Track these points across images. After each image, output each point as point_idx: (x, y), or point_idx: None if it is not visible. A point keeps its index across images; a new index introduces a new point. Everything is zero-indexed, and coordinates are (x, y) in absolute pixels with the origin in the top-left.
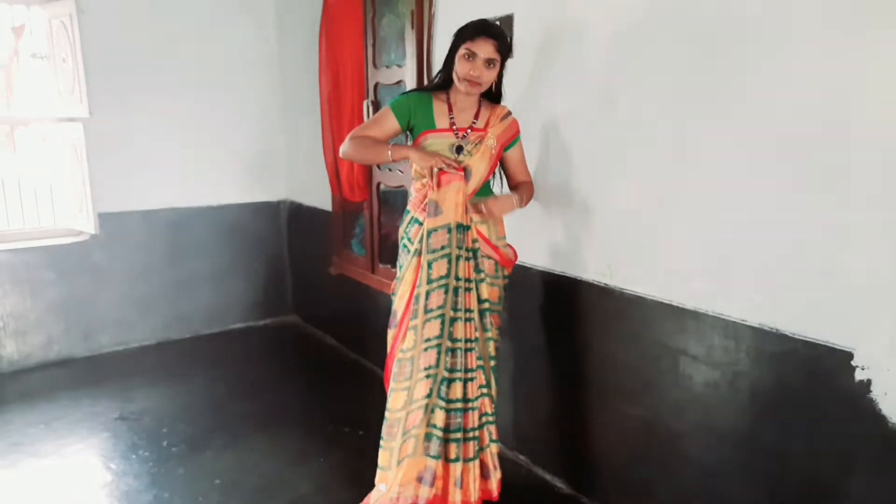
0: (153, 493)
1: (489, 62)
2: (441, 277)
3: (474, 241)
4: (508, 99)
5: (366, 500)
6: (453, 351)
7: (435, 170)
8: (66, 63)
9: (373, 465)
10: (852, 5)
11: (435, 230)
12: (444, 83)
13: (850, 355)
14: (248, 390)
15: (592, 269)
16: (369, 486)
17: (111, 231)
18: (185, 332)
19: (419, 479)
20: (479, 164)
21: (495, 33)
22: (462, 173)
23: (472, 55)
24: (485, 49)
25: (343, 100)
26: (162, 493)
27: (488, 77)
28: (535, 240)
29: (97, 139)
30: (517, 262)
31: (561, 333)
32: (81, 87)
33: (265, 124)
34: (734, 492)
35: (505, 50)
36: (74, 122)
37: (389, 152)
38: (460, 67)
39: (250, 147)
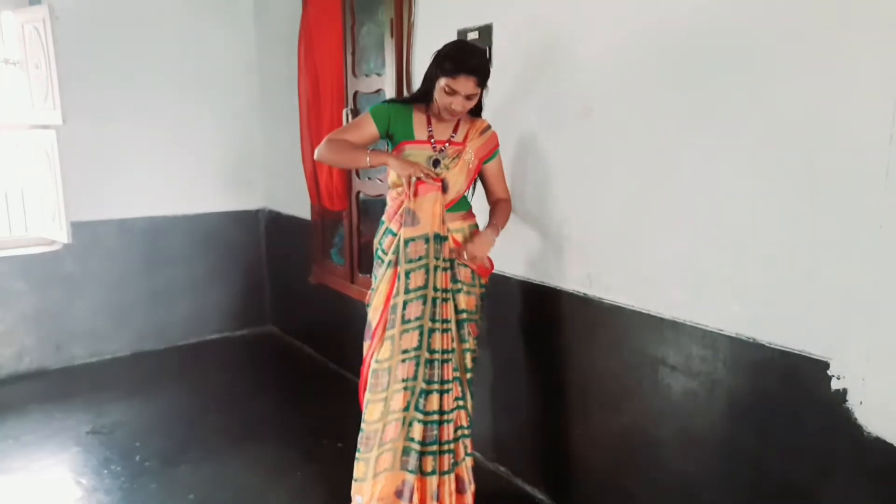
0: None
1: (469, 96)
2: (419, 288)
3: (451, 251)
4: (487, 109)
5: None
6: (431, 362)
7: (413, 179)
8: (39, 69)
9: (351, 478)
10: (820, 23)
11: (413, 239)
12: (424, 96)
13: (826, 365)
14: (224, 402)
15: (572, 278)
16: (347, 499)
17: (85, 240)
18: (161, 343)
19: (398, 494)
20: (456, 178)
21: (475, 68)
22: (440, 184)
23: (452, 92)
24: (465, 87)
25: (322, 108)
26: None
27: (469, 106)
28: (514, 249)
29: (71, 146)
30: (495, 272)
31: (540, 343)
32: (55, 94)
33: (243, 132)
34: (713, 499)
35: (486, 79)
36: (47, 129)
37: (368, 158)
38: (440, 98)
39: (228, 155)
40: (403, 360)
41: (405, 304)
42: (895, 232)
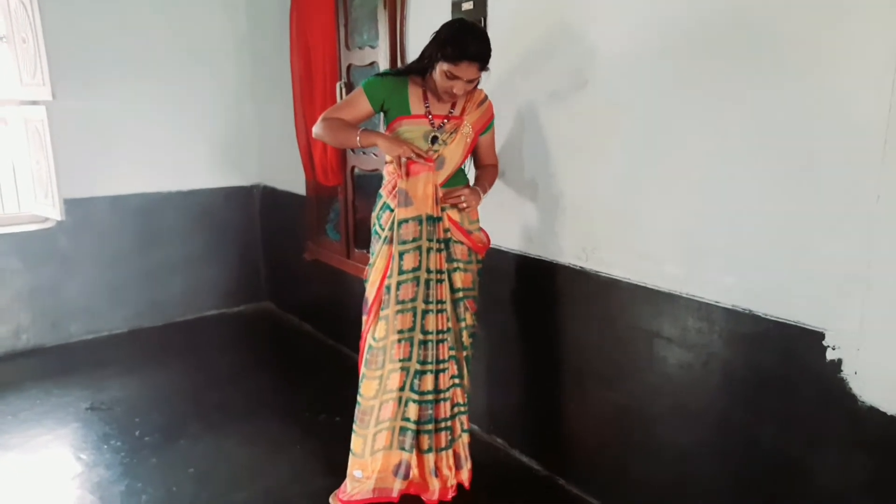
0: (125, 483)
1: (471, 80)
2: (413, 269)
3: (446, 230)
4: (483, 81)
5: (341, 487)
6: (425, 343)
7: (403, 159)
8: (27, 44)
9: (348, 451)
10: (815, 25)
11: (406, 221)
12: (420, 69)
13: (821, 336)
14: (222, 378)
15: (568, 252)
16: (345, 472)
17: (78, 217)
18: (158, 319)
19: (394, 471)
20: (454, 152)
21: (478, 54)
22: (431, 164)
23: (454, 77)
24: (468, 73)
25: (315, 82)
26: (135, 483)
27: (469, 89)
28: (510, 223)
29: (62, 123)
30: (492, 246)
31: (536, 317)
32: (44, 70)
33: (236, 107)
34: (707, 471)
35: (487, 63)
36: (37, 104)
37: (358, 138)
38: (441, 82)
39: (221, 130)
40: (399, 341)
41: (399, 284)
42: (892, 203)
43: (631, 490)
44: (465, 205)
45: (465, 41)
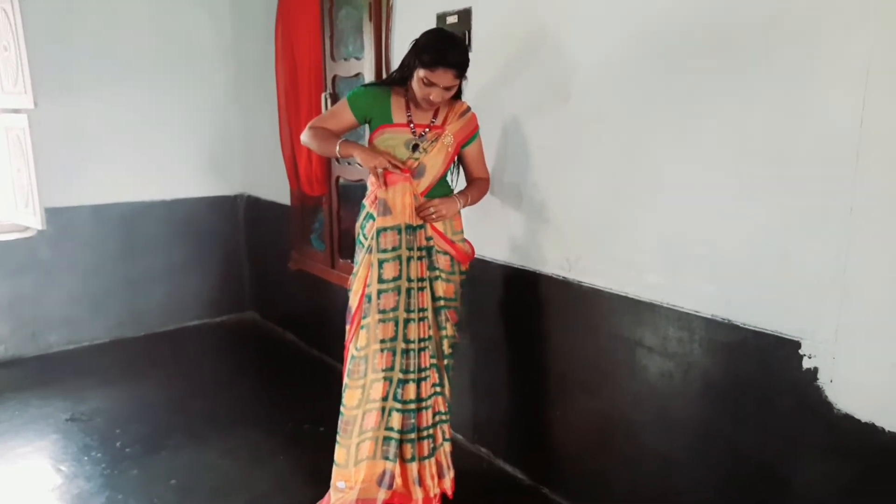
0: (106, 494)
1: (448, 87)
2: (393, 279)
3: (428, 238)
4: (467, 93)
5: (325, 498)
6: (407, 352)
7: (379, 170)
8: (9, 52)
9: (331, 462)
10: (793, 10)
11: (385, 230)
12: (402, 81)
13: (797, 344)
14: (204, 388)
15: (551, 262)
16: (328, 482)
17: (59, 226)
18: (139, 329)
19: (378, 481)
20: (434, 160)
21: (454, 61)
22: (408, 174)
23: (430, 83)
24: (444, 79)
25: (300, 92)
26: (115, 495)
27: (447, 97)
28: (494, 234)
29: (43, 131)
30: (476, 257)
31: (520, 326)
32: (25, 78)
33: (221, 116)
34: (689, 478)
35: (464, 71)
36: (19, 113)
37: (338, 148)
38: (418, 89)
39: (206, 140)
40: (381, 350)
41: (379, 293)
42: (865, 215)
43: (614, 498)
44: (434, 216)
45: (441, 48)
